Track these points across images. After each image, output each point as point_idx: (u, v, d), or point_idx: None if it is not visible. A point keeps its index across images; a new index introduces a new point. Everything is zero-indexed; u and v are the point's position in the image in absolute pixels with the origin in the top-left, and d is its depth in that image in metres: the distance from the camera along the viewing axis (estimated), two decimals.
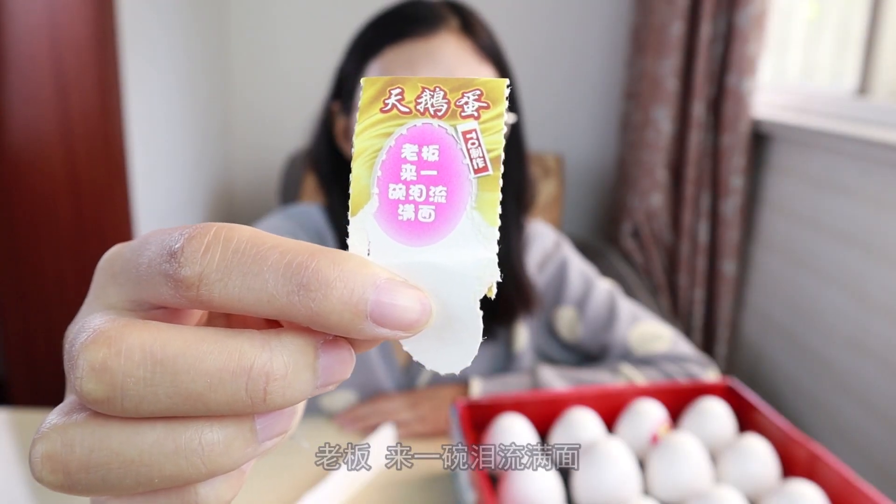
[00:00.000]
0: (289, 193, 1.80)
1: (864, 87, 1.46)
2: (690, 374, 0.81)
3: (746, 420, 0.69)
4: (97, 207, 1.41)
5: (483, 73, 0.71)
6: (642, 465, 0.63)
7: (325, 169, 0.79)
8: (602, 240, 2.27)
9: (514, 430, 0.65)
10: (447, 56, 0.69)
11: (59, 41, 1.32)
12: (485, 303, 0.61)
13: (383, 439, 0.71)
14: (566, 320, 0.86)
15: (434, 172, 0.20)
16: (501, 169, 0.20)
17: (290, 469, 0.70)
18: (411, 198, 0.20)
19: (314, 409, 0.83)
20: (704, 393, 0.71)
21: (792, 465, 0.61)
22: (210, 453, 0.18)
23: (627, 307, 0.86)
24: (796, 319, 1.53)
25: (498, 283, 0.34)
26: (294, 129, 2.18)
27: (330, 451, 0.72)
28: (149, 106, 1.60)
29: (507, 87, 0.20)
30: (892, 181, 1.23)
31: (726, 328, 1.80)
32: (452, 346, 0.20)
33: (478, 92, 0.20)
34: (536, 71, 2.16)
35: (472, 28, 0.72)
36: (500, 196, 0.20)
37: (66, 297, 1.46)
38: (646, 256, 1.97)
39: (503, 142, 0.20)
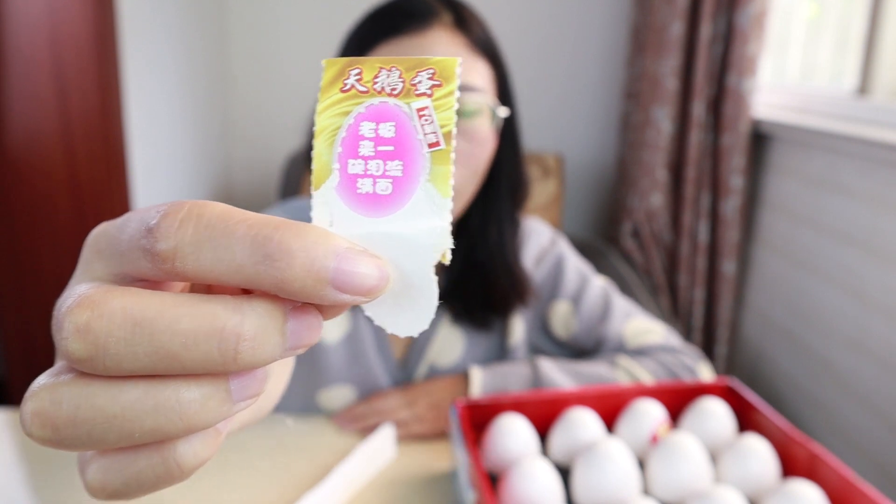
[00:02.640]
0: (288, 192, 1.80)
1: (864, 87, 1.46)
2: (685, 364, 0.81)
3: (746, 420, 0.69)
4: (97, 207, 1.41)
5: (476, 67, 0.72)
6: (642, 465, 0.63)
7: None
8: (602, 240, 2.27)
9: (514, 429, 0.65)
10: (440, 52, 0.69)
11: (59, 41, 1.32)
12: (481, 296, 0.61)
13: (383, 439, 0.71)
14: (561, 315, 0.86)
15: (391, 148, 0.21)
16: (454, 143, 0.21)
17: (290, 469, 0.70)
18: (369, 172, 0.21)
19: (312, 407, 0.83)
20: (704, 393, 0.71)
21: (792, 465, 0.61)
22: (187, 410, 0.19)
23: (621, 303, 0.87)
24: (796, 319, 1.53)
25: (493, 276, 0.36)
26: (294, 129, 2.19)
27: (329, 451, 0.72)
28: (148, 105, 1.60)
29: (459, 65, 0.21)
30: (892, 181, 1.23)
31: (726, 328, 1.80)
32: (410, 310, 0.21)
33: (431, 71, 0.21)
34: (537, 71, 2.16)
35: (465, 23, 0.72)
36: (452, 169, 0.21)
37: None
38: (646, 256, 1.97)
39: (455, 118, 0.21)
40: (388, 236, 0.21)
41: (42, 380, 0.19)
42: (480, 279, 0.81)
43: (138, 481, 0.20)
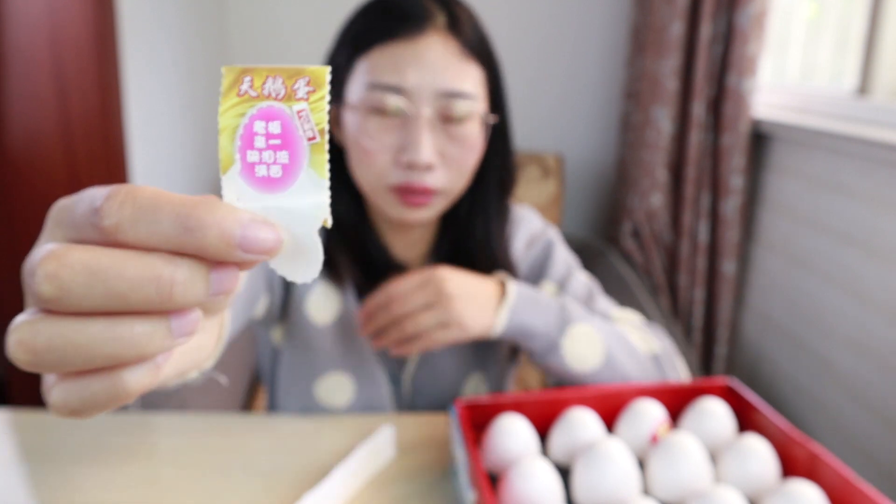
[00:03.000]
0: None
1: (863, 88, 1.46)
2: (661, 341, 0.83)
3: (746, 420, 0.69)
4: None
5: (468, 72, 0.72)
6: (642, 464, 0.63)
7: None
8: (602, 240, 2.27)
9: (514, 430, 0.65)
10: (433, 58, 0.70)
11: (60, 41, 1.32)
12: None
13: (382, 440, 0.71)
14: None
15: (279, 142, 0.27)
16: (328, 137, 0.27)
17: (290, 469, 0.70)
18: (264, 160, 0.27)
19: (313, 405, 0.84)
20: (704, 393, 0.72)
21: (791, 465, 0.61)
22: (138, 340, 0.25)
23: (603, 297, 0.89)
24: (796, 319, 1.53)
25: (479, 266, 0.58)
26: None
27: (331, 451, 0.72)
28: (149, 105, 1.60)
29: (329, 73, 0.27)
30: (892, 181, 1.23)
31: (726, 328, 1.80)
32: (303, 263, 0.28)
33: (307, 79, 0.27)
34: (537, 71, 2.17)
35: (458, 25, 0.72)
36: (327, 157, 0.27)
37: None
38: (646, 256, 1.97)
39: (327, 117, 0.27)
40: (281, 209, 0.27)
41: (22, 317, 0.25)
42: (467, 267, 0.82)
43: (93, 401, 0.25)
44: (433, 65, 0.70)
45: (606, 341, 0.76)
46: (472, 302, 0.71)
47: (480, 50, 0.74)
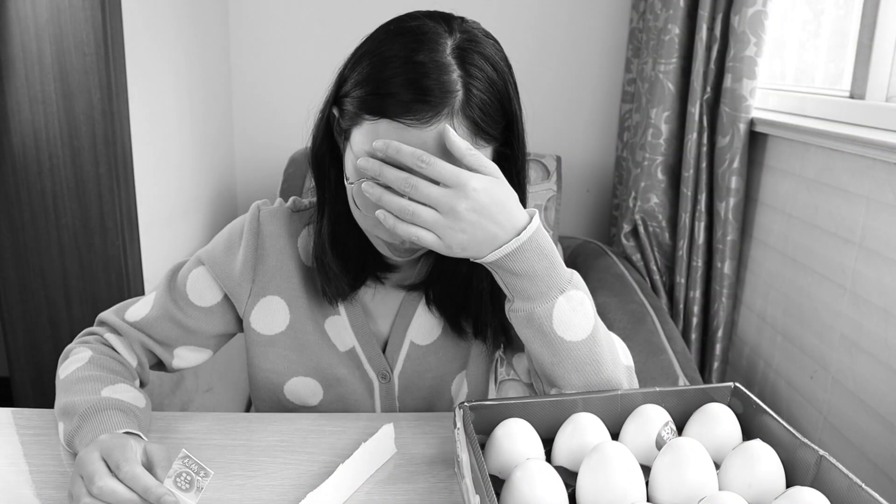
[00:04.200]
0: (291, 193, 1.80)
1: (858, 91, 1.46)
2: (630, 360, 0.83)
3: (752, 425, 0.69)
4: (101, 208, 1.41)
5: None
6: (647, 470, 0.63)
7: (321, 164, 0.81)
8: (600, 240, 2.28)
9: (519, 434, 0.65)
10: (439, 150, 0.67)
11: (65, 43, 1.32)
12: (450, 298, 0.88)
13: (384, 438, 0.72)
14: None
15: (188, 483, 0.60)
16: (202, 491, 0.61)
17: (292, 468, 0.70)
18: (177, 485, 0.60)
19: (289, 409, 0.87)
20: (710, 398, 0.72)
21: (798, 471, 0.62)
22: None
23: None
24: (792, 318, 1.54)
25: (469, 270, 0.78)
26: (296, 130, 2.17)
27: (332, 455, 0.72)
28: (153, 107, 1.60)
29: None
30: (887, 181, 1.24)
31: (723, 327, 1.81)
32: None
33: (205, 474, 0.61)
34: (535, 72, 2.17)
35: (472, 104, 0.68)
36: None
37: (69, 298, 1.46)
38: (644, 256, 1.98)
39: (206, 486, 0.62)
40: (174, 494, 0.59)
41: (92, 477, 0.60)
42: (460, 274, 0.84)
43: None
44: (437, 151, 0.67)
45: (597, 324, 0.74)
46: (478, 229, 0.66)
47: (493, 124, 0.71)
